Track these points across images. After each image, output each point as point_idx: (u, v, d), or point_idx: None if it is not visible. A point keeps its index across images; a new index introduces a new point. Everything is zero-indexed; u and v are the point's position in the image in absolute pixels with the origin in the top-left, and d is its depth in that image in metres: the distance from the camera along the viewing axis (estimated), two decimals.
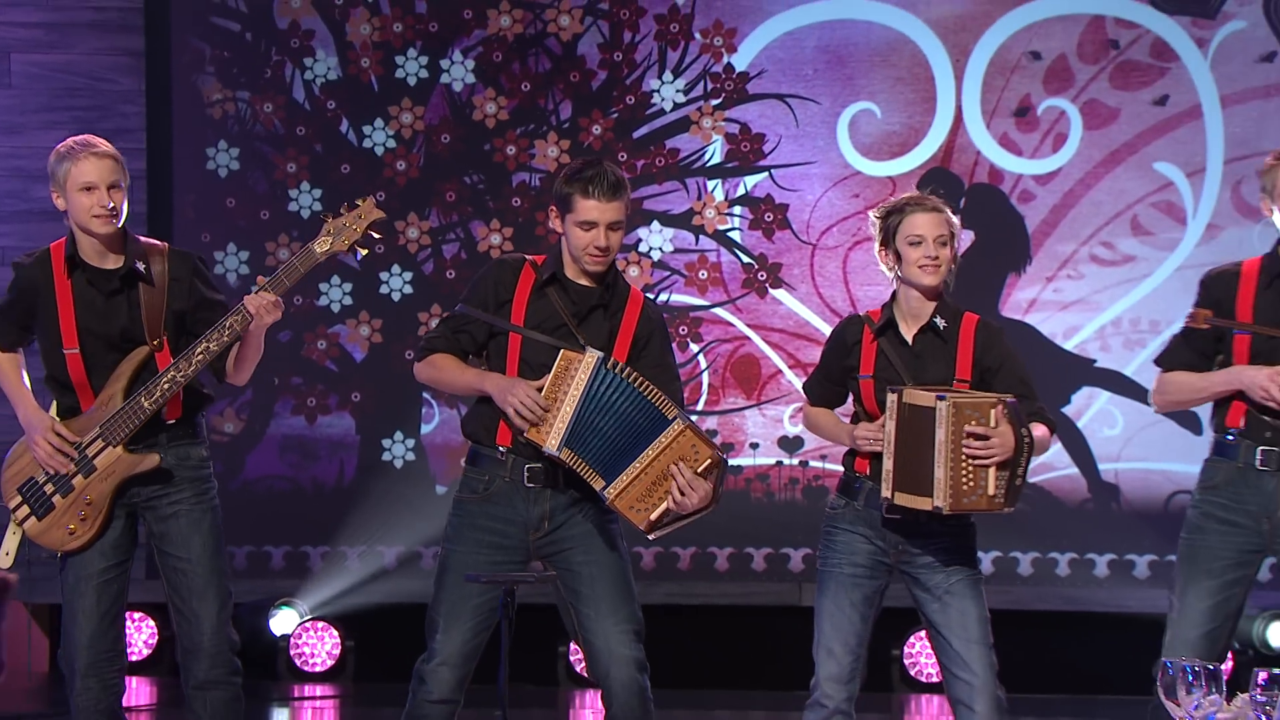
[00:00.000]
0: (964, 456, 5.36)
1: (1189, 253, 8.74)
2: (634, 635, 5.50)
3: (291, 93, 9.00)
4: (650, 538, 5.43)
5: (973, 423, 5.35)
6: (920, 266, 5.52)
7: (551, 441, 5.33)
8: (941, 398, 5.39)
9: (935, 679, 8.77)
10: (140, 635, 8.92)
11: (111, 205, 5.46)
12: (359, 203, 5.61)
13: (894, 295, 5.62)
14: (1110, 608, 8.76)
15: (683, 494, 5.27)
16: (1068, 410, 8.83)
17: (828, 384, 5.67)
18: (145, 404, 5.45)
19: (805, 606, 8.46)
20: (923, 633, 8.30)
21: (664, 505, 5.32)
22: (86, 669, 5.55)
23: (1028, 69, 8.90)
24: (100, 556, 5.56)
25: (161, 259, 5.62)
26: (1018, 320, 8.75)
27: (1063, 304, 8.90)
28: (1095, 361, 8.86)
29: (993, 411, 5.35)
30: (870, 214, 5.72)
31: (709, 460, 5.30)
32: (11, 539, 5.60)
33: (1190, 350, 5.71)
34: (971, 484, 5.36)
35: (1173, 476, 8.77)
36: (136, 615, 8.91)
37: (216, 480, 5.72)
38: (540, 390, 5.36)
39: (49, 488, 5.55)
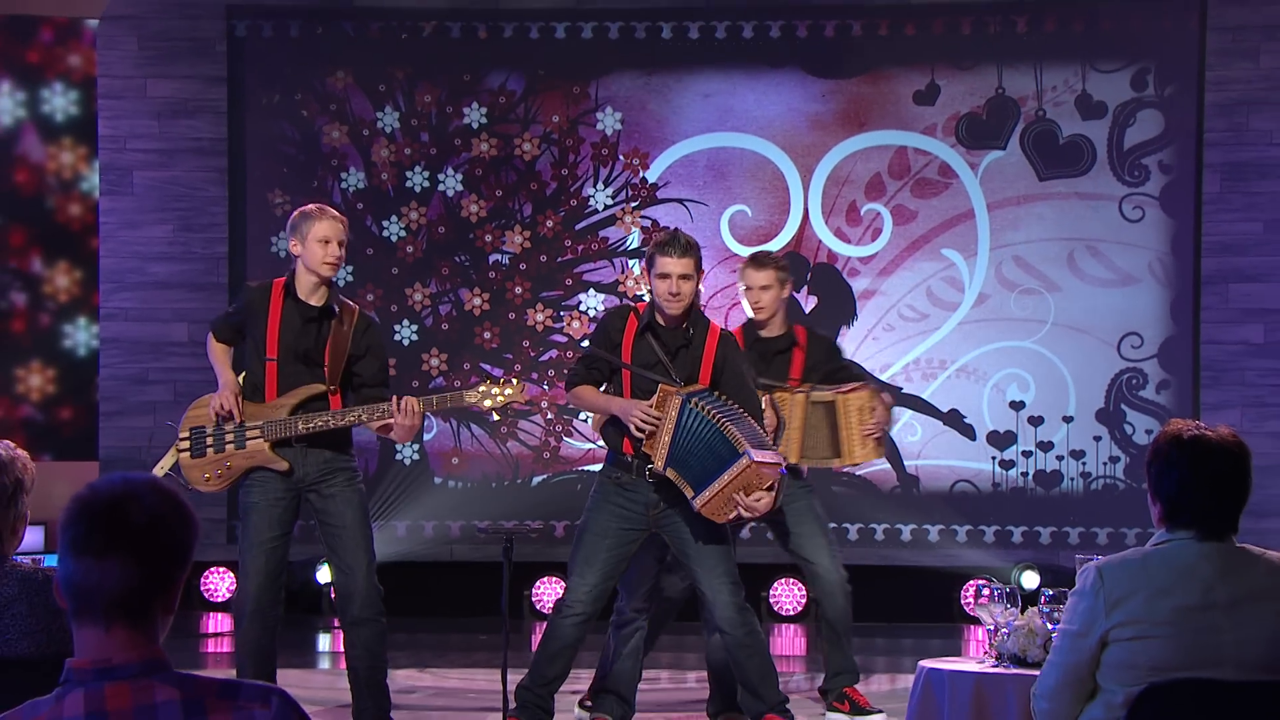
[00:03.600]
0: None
1: (966, 312, 9.73)
2: (733, 585, 5.82)
3: (331, 197, 9.90)
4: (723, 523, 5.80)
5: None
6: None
7: (658, 463, 5.68)
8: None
9: (794, 613, 9.62)
10: (224, 583, 9.86)
11: (339, 256, 5.81)
12: (514, 381, 5.91)
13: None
14: (911, 563, 9.72)
15: (749, 510, 5.63)
16: None
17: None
18: (300, 425, 5.75)
19: None
20: (784, 579, 9.52)
21: (734, 513, 5.65)
22: (252, 614, 5.76)
23: (854, 182, 9.83)
24: (268, 527, 5.78)
25: (351, 314, 5.91)
26: (848, 359, 8.93)
27: (879, 347, 9.82)
28: (902, 389, 9.75)
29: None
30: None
31: (771, 482, 5.61)
32: (169, 458, 5.91)
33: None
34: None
35: (955, 470, 9.57)
36: (222, 569, 9.82)
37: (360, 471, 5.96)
38: (653, 407, 5.68)
39: (209, 439, 5.84)
